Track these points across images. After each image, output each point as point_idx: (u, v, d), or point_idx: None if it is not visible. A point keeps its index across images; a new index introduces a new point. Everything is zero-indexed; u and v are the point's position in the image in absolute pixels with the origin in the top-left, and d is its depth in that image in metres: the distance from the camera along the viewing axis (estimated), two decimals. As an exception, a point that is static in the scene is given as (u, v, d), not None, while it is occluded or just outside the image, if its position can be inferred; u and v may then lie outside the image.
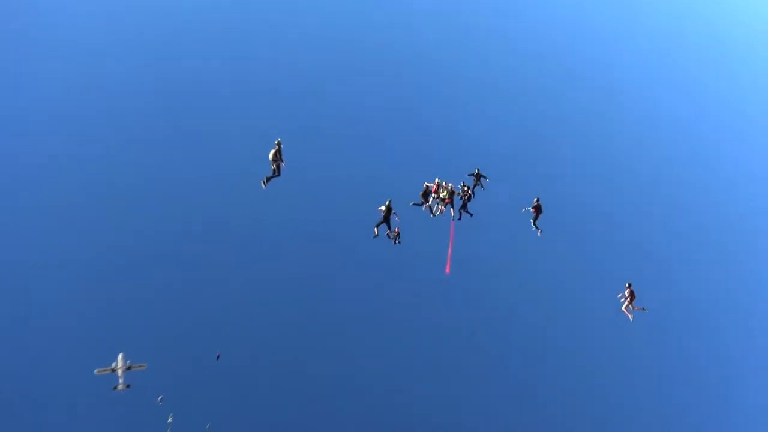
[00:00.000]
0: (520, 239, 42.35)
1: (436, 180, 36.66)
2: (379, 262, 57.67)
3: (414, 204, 36.36)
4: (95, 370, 42.00)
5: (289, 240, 60.60)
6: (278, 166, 31.79)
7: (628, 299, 35.49)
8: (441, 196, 35.75)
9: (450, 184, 35.79)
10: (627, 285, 35.55)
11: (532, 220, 35.85)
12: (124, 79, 65.55)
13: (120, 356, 43.09)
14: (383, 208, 34.71)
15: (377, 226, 35.01)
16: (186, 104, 64.98)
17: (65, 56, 65.03)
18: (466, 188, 35.77)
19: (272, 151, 31.52)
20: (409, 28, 74.21)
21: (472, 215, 36.08)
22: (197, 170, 61.52)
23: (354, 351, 56.38)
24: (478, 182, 36.60)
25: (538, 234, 35.82)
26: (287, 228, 60.73)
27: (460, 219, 35.96)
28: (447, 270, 37.32)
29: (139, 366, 43.95)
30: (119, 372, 43.04)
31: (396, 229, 36.43)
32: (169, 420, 47.31)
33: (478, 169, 36.81)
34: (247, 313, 55.48)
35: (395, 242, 36.74)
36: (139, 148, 61.85)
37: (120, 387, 42.55)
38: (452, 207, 35.56)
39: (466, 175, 36.71)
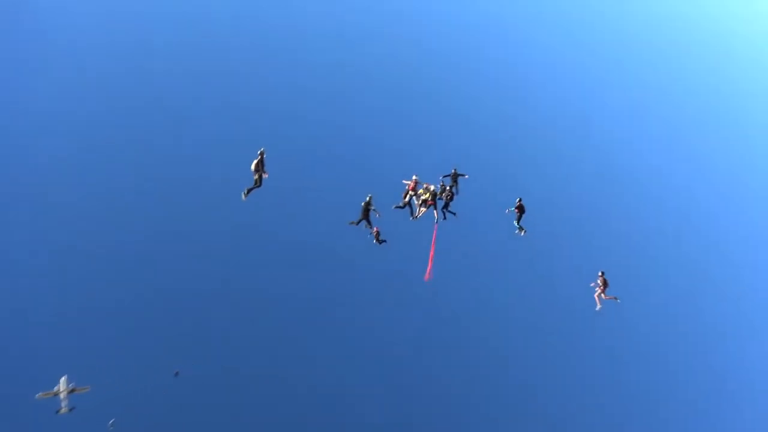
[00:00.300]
0: (504, 239, 41.86)
1: (414, 177, 35.39)
2: (360, 266, 55.89)
3: (397, 207, 35.01)
4: (37, 395, 39.17)
5: (266, 248, 57.76)
6: (260, 177, 30.27)
7: (601, 287, 35.51)
8: (423, 198, 34.51)
9: (432, 186, 34.66)
10: (600, 273, 35.25)
11: (515, 221, 35.32)
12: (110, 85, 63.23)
13: (63, 379, 40.60)
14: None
15: (357, 223, 33.70)
16: (165, 116, 61.48)
17: (60, 57, 63.00)
18: (448, 188, 34.71)
19: (255, 161, 29.99)
20: (392, 27, 73.40)
21: (455, 214, 35.10)
22: (162, 181, 57.71)
23: (333, 359, 54.19)
24: (455, 182, 35.59)
25: (522, 234, 35.38)
26: (263, 236, 57.77)
27: (445, 219, 34.90)
28: (426, 276, 36.09)
29: (83, 389, 41.47)
30: (62, 395, 40.57)
31: (375, 228, 35.09)
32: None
33: (455, 169, 35.82)
34: (210, 326, 52.05)
35: (377, 242, 35.43)
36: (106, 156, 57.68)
37: (63, 411, 40.21)
38: (435, 209, 34.39)
39: (441, 177, 35.66)
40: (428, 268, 35.37)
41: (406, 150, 62.46)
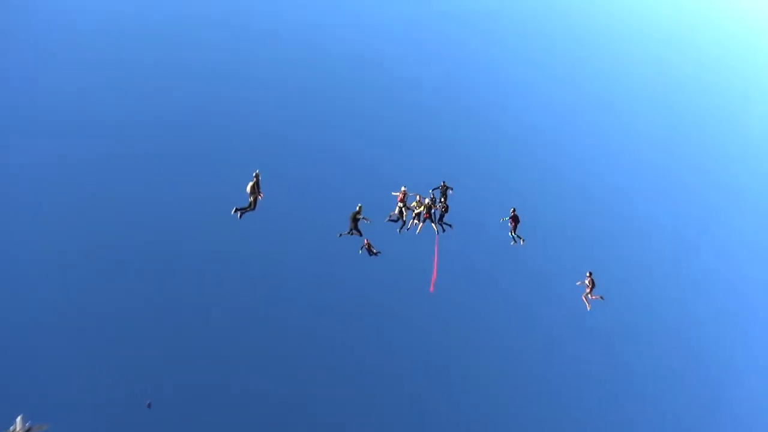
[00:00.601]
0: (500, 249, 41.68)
1: (402, 188, 34.41)
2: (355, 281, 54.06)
3: (390, 220, 33.90)
4: (-8, 435, 35.56)
5: (261, 266, 54.98)
6: (255, 199, 29.65)
7: (588, 288, 35.05)
8: (417, 211, 33.50)
9: (427, 199, 33.72)
10: (588, 274, 35.10)
11: (510, 232, 34.80)
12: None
13: (19, 418, 37.04)
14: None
15: (349, 234, 32.57)
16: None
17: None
18: (442, 200, 33.92)
19: (250, 184, 29.45)
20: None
21: (451, 226, 34.28)
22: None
23: (335, 377, 51.97)
24: (444, 196, 34.72)
25: (521, 243, 34.85)
26: (256, 253, 54.95)
27: (444, 231, 34.01)
28: (431, 288, 35.19)
29: (41, 427, 38.05)
30: (18, 437, 36.93)
31: (366, 240, 34.17)
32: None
33: (444, 182, 35.07)
34: (201, 347, 48.68)
35: (370, 253, 34.43)
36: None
37: (19, 452, 36.57)
38: (432, 222, 33.42)
39: (431, 190, 34.82)
40: (432, 280, 34.68)
41: (396, 162, 61.95)
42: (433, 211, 33.36)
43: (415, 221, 33.47)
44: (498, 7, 79.65)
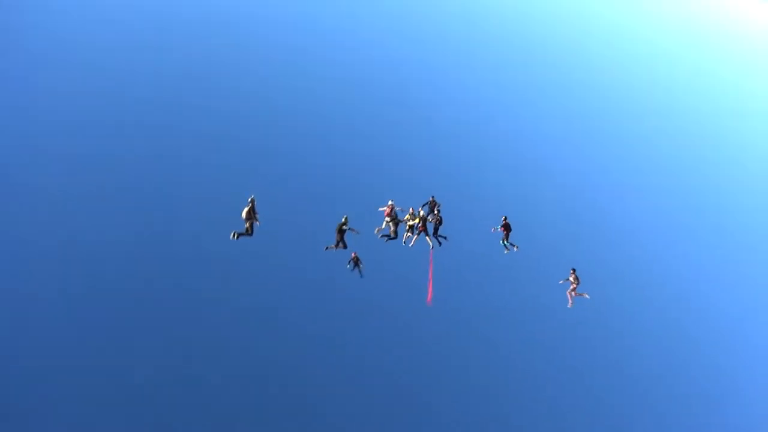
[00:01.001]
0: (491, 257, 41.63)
1: (390, 202, 33.86)
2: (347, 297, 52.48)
3: (383, 235, 33.19)
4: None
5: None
6: (251, 225, 29.58)
7: (573, 284, 34.82)
8: (410, 224, 32.96)
9: (421, 211, 33.26)
10: (571, 271, 34.97)
11: (501, 240, 34.67)
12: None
13: None
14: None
15: (335, 247, 31.53)
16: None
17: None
18: (436, 212, 33.46)
19: (245, 209, 29.41)
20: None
21: (446, 239, 33.82)
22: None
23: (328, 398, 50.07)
24: (433, 211, 34.22)
25: (515, 250, 34.74)
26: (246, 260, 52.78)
27: (440, 245, 33.50)
28: (428, 301, 34.78)
29: None
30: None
31: (353, 254, 33.70)
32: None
33: (432, 197, 34.66)
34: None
35: (353, 269, 33.95)
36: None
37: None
38: (427, 235, 32.91)
39: (420, 207, 34.28)
40: (429, 293, 34.36)
41: (385, 175, 61.33)
42: (427, 223, 32.97)
43: (409, 234, 33.00)
44: (482, 19, 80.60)
